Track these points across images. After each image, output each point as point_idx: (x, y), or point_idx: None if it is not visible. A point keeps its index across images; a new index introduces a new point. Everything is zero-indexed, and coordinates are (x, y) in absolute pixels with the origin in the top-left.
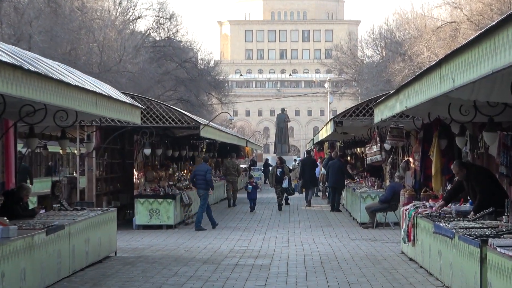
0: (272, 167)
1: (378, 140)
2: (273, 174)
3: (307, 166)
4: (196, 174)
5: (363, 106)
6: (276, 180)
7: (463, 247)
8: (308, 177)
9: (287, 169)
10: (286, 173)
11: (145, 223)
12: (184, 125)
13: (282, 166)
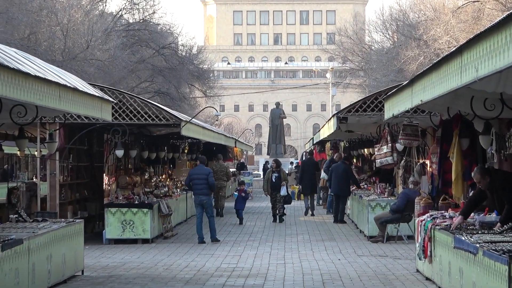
0: (267, 172)
1: (389, 140)
2: (268, 180)
3: (307, 169)
4: (194, 178)
5: (371, 100)
6: (271, 186)
7: (489, 264)
8: (309, 182)
9: (284, 174)
10: (284, 178)
11: (117, 236)
12: (162, 122)
13: (279, 170)
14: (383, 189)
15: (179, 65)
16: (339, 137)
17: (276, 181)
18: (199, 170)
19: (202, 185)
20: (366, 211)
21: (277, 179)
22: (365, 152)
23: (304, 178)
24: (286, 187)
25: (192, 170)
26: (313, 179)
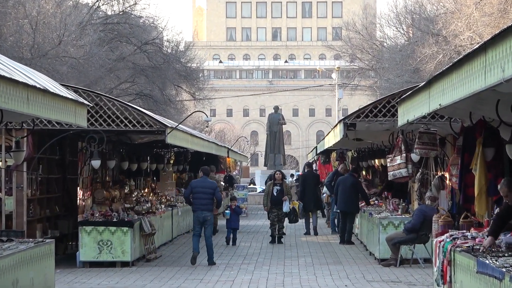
0: (267, 184)
1: (403, 149)
2: (269, 194)
3: (309, 183)
4: (197, 192)
5: (383, 104)
6: (271, 201)
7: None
8: (311, 197)
9: (288, 188)
10: (287, 193)
11: (93, 259)
12: (145, 128)
13: (281, 183)
14: (396, 205)
15: (164, 63)
16: (346, 146)
17: (278, 195)
18: (204, 183)
19: (206, 200)
20: (376, 230)
21: (279, 193)
22: (375, 164)
23: (306, 193)
24: (288, 203)
25: (194, 182)
26: (316, 193)
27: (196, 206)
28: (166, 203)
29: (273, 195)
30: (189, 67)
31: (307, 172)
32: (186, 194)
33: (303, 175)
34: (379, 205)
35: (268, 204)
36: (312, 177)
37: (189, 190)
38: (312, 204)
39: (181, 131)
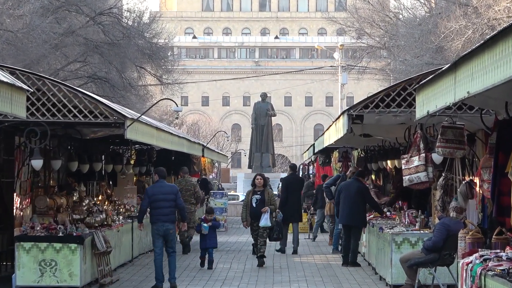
0: (247, 193)
1: (422, 148)
2: (247, 205)
3: (293, 188)
4: (157, 200)
5: (397, 91)
6: (251, 214)
7: None
8: (294, 206)
9: (271, 196)
10: (270, 202)
11: (33, 283)
12: (98, 120)
13: (263, 190)
14: (413, 218)
15: (124, 39)
16: (351, 143)
17: (258, 207)
18: (162, 188)
19: (168, 209)
20: (388, 249)
21: (259, 204)
22: (388, 166)
23: (288, 202)
24: (268, 215)
25: (151, 188)
26: (300, 202)
27: (155, 217)
28: (125, 214)
29: (252, 207)
30: (155, 44)
31: (290, 175)
32: (144, 206)
33: (285, 179)
34: (392, 217)
35: (248, 218)
36: (295, 181)
37: (146, 201)
38: (294, 214)
39: (144, 123)
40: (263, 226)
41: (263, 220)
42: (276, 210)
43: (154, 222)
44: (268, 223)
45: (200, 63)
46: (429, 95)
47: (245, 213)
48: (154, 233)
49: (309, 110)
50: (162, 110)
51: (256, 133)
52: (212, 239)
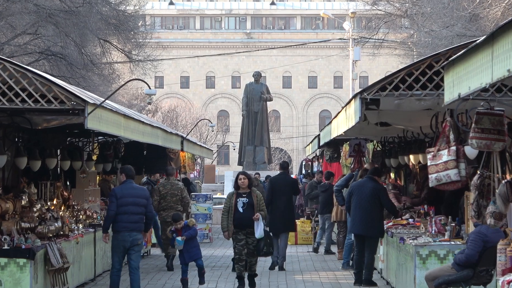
0: (228, 195)
1: (453, 140)
2: (230, 210)
3: (279, 192)
4: (125, 204)
5: (421, 70)
6: (236, 222)
7: None
8: (281, 214)
9: (260, 200)
10: (260, 208)
11: None
12: (53, 105)
13: (249, 192)
14: (442, 226)
15: (84, 5)
16: (364, 134)
17: (246, 212)
18: (133, 190)
19: (138, 216)
20: (412, 264)
21: (247, 209)
22: (410, 162)
23: (273, 208)
24: (262, 223)
25: (120, 190)
26: (289, 208)
27: (122, 225)
28: (86, 221)
29: (238, 212)
30: (122, 12)
31: (279, 175)
32: (112, 211)
33: (272, 179)
34: (415, 225)
35: (230, 227)
36: (285, 183)
37: (115, 204)
38: (281, 223)
39: (109, 110)
40: (259, 237)
41: (259, 230)
42: (266, 217)
43: (119, 231)
44: (262, 233)
45: (178, 36)
46: (460, 74)
47: (227, 221)
48: (118, 244)
49: (313, 93)
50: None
51: (248, 122)
52: (192, 249)
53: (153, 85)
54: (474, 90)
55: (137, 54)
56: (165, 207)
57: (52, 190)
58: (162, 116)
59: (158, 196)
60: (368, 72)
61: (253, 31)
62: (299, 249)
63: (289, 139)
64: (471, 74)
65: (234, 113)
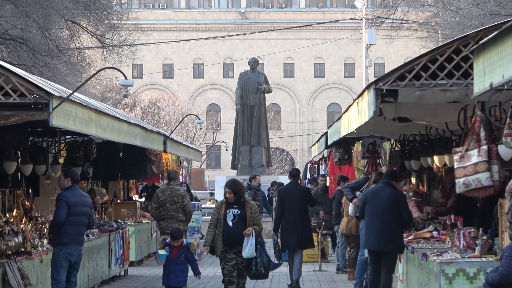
0: (217, 205)
1: (484, 138)
2: (219, 223)
3: (291, 203)
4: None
5: (447, 55)
6: (225, 238)
7: None
8: (294, 227)
9: (254, 211)
10: (254, 222)
11: None
12: (11, 99)
13: (242, 202)
14: (472, 239)
15: None
16: (380, 131)
17: (236, 226)
18: (82, 198)
19: (84, 228)
20: (436, 285)
21: (238, 222)
22: (434, 164)
23: (285, 222)
24: (255, 240)
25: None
26: (303, 221)
27: (71, 237)
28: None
29: (227, 226)
30: None
31: (288, 185)
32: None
33: (280, 190)
34: (441, 238)
35: (219, 244)
36: (296, 193)
37: (65, 211)
38: (295, 239)
39: (78, 104)
40: (247, 257)
41: (249, 248)
42: (260, 233)
43: (67, 243)
44: (253, 253)
45: (160, 16)
46: (493, 60)
47: (212, 236)
48: (65, 258)
49: (319, 83)
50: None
51: (243, 118)
52: (181, 274)
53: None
54: (509, 79)
55: (111, 38)
56: (164, 216)
57: (11, 199)
58: (142, 111)
59: (156, 203)
60: (385, 59)
61: (248, 10)
62: (304, 268)
63: (292, 138)
64: (506, 60)
65: (226, 107)
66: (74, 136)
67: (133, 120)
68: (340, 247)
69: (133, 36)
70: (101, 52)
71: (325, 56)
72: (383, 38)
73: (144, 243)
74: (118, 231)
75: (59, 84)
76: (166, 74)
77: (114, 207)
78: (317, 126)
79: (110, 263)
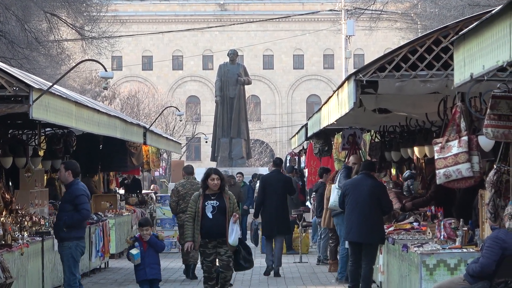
0: (194, 197)
1: (464, 128)
2: (196, 215)
3: (272, 191)
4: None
5: (427, 45)
6: (204, 230)
7: None
8: (275, 215)
9: (233, 202)
10: (233, 211)
11: None
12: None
13: (219, 193)
14: (452, 230)
15: None
16: (360, 123)
17: (216, 218)
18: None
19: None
20: (417, 276)
21: (218, 214)
22: (415, 155)
23: (266, 208)
24: (237, 226)
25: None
26: (283, 209)
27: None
28: (32, 228)
29: (206, 218)
30: None
31: (271, 173)
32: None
33: (263, 177)
34: (421, 230)
35: (197, 237)
36: (278, 182)
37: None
38: (275, 226)
39: (58, 96)
40: (233, 244)
41: (234, 235)
42: (243, 218)
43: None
44: (237, 240)
45: (139, 8)
46: (473, 51)
47: (192, 230)
48: (81, 252)
49: (299, 74)
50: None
51: (222, 110)
52: (155, 266)
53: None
54: (489, 70)
55: (91, 30)
56: (184, 209)
57: None
58: (121, 103)
59: (176, 197)
60: (364, 50)
61: (227, 1)
62: (284, 260)
63: (272, 130)
64: (486, 50)
65: (206, 99)
66: (54, 129)
67: (113, 112)
68: (323, 239)
69: (112, 28)
70: (80, 45)
71: (305, 47)
72: (363, 29)
73: (125, 235)
74: (99, 223)
75: (39, 77)
76: (146, 66)
77: (94, 199)
78: (296, 118)
79: (91, 256)
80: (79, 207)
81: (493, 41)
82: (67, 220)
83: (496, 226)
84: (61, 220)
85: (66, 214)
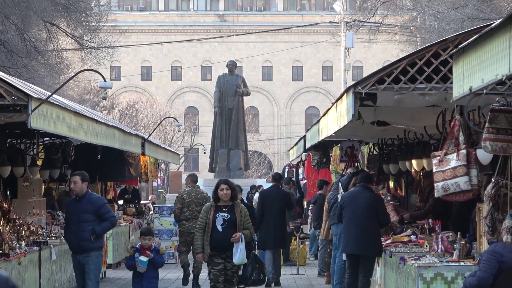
0: (205, 208)
1: (462, 142)
2: (208, 228)
3: (271, 205)
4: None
5: (426, 58)
6: (213, 243)
7: None
8: (273, 228)
9: (245, 214)
10: (245, 224)
11: None
12: None
13: (231, 205)
14: (450, 243)
15: None
16: (358, 135)
17: (225, 231)
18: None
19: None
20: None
21: (228, 227)
22: (413, 168)
23: (264, 221)
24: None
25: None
26: (281, 223)
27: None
28: (30, 238)
29: (216, 231)
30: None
31: (270, 188)
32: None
33: (262, 192)
34: (418, 243)
35: (206, 249)
36: (277, 196)
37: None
38: (271, 238)
39: (57, 106)
40: (238, 263)
41: (239, 254)
42: (252, 237)
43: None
44: (244, 258)
45: (138, 18)
46: (472, 64)
47: (202, 240)
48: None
49: (298, 86)
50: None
51: (221, 121)
52: (153, 280)
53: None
54: (488, 83)
55: (90, 40)
56: (189, 217)
57: None
58: (120, 113)
59: (180, 204)
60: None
61: (227, 12)
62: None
63: (270, 141)
64: (485, 64)
65: (204, 110)
66: (52, 138)
67: (112, 122)
68: (320, 251)
69: (112, 38)
70: (79, 54)
71: (304, 59)
72: (362, 42)
73: (122, 245)
74: None
75: (37, 86)
76: (144, 77)
77: None
78: (295, 129)
79: None
80: (106, 216)
81: (493, 54)
82: (96, 230)
83: (494, 240)
84: (85, 231)
85: (90, 224)
